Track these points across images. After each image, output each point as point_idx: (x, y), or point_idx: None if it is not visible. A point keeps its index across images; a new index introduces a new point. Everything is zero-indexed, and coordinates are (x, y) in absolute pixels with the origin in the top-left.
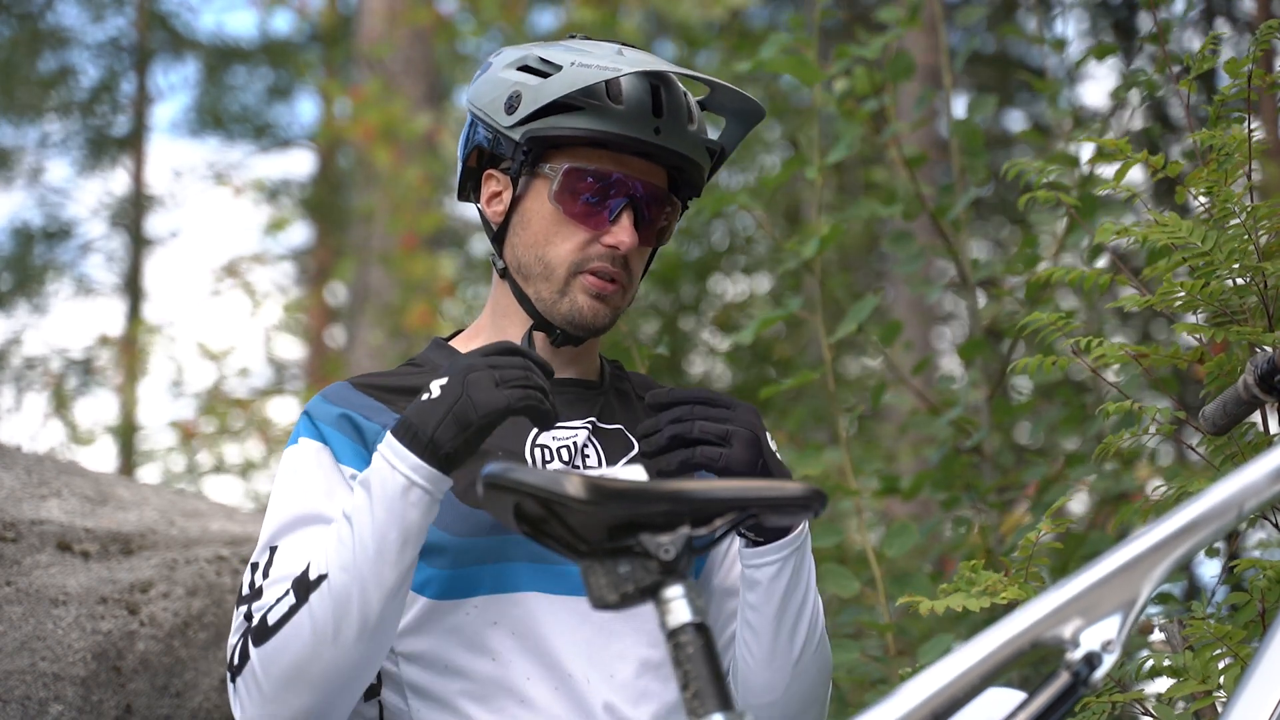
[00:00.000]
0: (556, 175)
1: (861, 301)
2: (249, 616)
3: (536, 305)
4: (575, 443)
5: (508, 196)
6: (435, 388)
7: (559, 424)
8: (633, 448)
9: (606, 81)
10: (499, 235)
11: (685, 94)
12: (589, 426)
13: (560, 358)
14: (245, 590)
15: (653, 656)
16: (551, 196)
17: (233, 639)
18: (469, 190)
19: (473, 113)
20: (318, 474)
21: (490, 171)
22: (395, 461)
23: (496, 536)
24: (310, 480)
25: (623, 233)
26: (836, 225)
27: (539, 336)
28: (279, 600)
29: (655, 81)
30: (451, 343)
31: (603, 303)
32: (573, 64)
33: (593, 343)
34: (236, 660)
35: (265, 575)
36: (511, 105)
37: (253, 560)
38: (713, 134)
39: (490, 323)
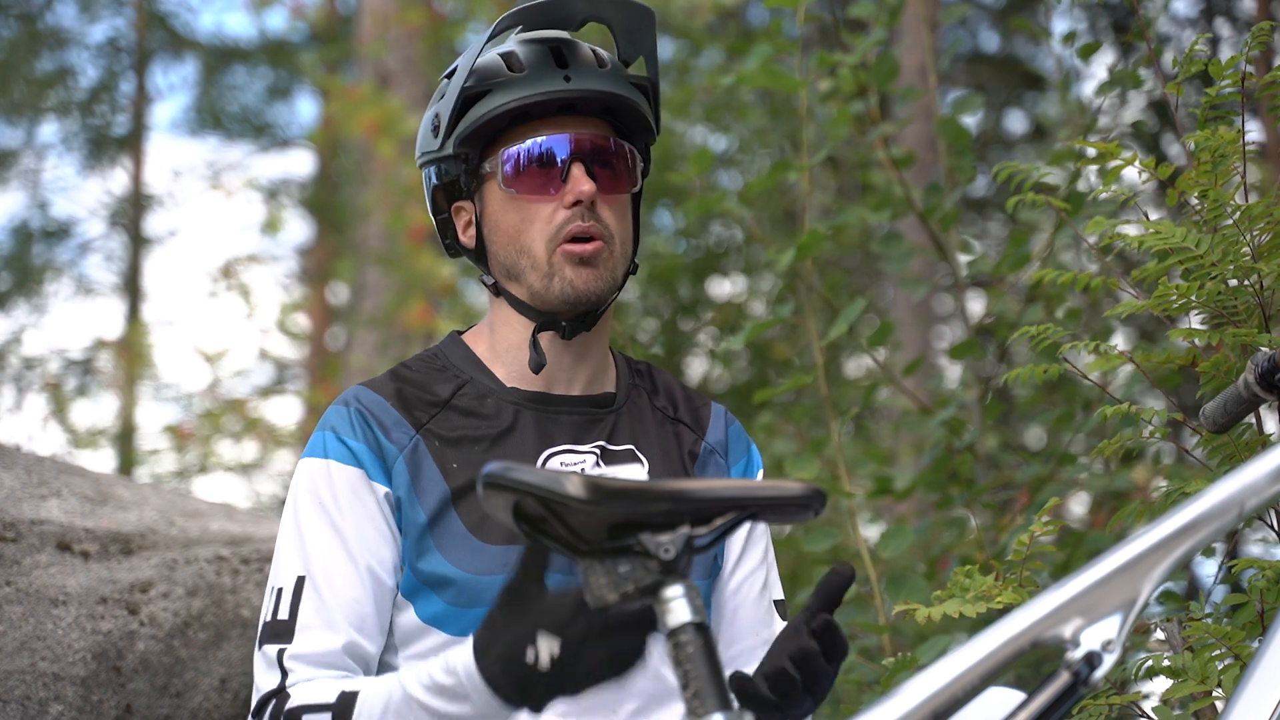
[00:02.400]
0: (499, 165)
1: (852, 304)
2: (283, 668)
3: (532, 302)
4: (583, 468)
5: (474, 216)
6: (545, 655)
7: (568, 449)
8: (642, 466)
9: (507, 59)
10: (479, 254)
11: (593, 48)
12: (597, 451)
13: (570, 355)
14: (269, 617)
15: (658, 690)
16: (502, 185)
17: (263, 680)
18: (454, 244)
19: (420, 163)
20: (349, 504)
21: (457, 204)
22: (489, 705)
23: (508, 575)
24: (341, 511)
25: (580, 184)
26: (814, 232)
27: (546, 336)
28: (316, 708)
29: (554, 44)
30: (463, 337)
31: (590, 266)
32: (462, 58)
33: (603, 335)
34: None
35: (293, 613)
36: (436, 127)
37: (276, 584)
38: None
39: (491, 332)
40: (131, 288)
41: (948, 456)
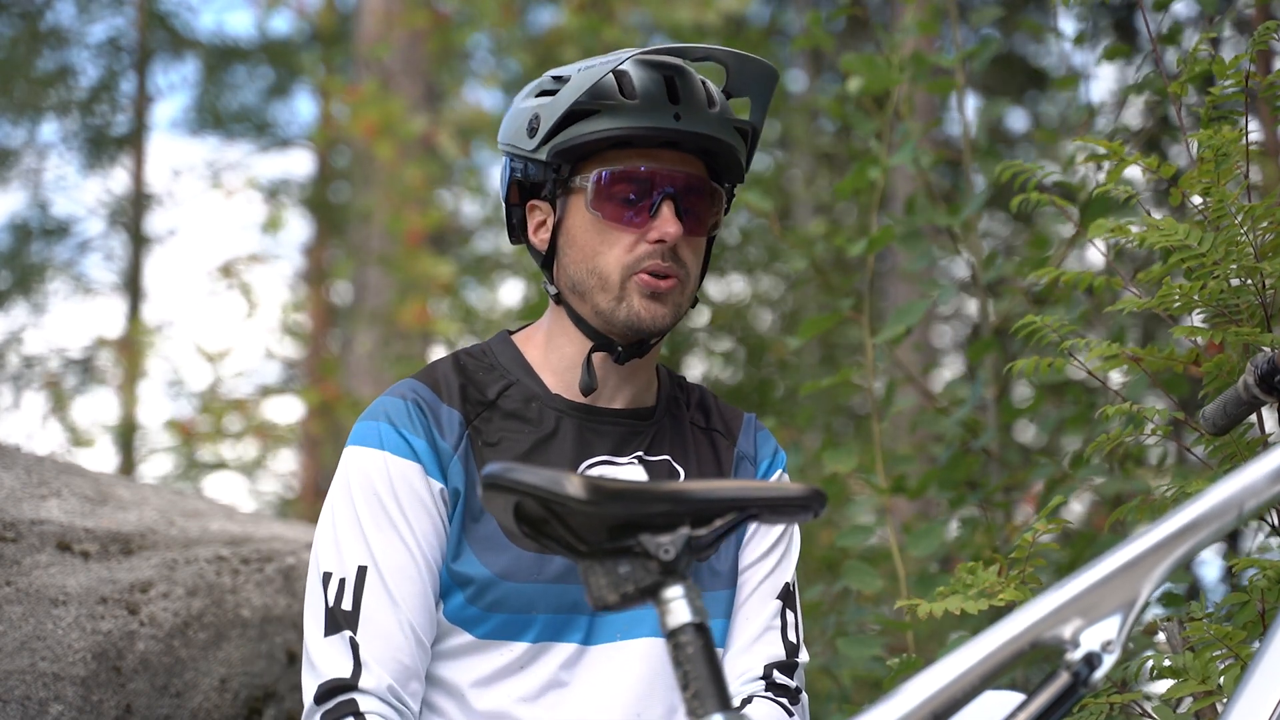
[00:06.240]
0: (589, 184)
1: (911, 305)
2: (357, 657)
3: (594, 321)
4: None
5: (550, 221)
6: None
7: (606, 459)
8: (678, 477)
9: (619, 80)
10: (547, 260)
11: (703, 81)
12: (635, 462)
13: (619, 374)
14: (330, 604)
15: (679, 699)
16: (589, 205)
17: (333, 665)
18: (518, 231)
19: (504, 149)
20: (408, 499)
21: (532, 202)
22: None
23: (542, 584)
24: (401, 505)
25: (667, 224)
26: (887, 228)
27: (599, 357)
28: None
29: (668, 73)
30: (513, 338)
31: (659, 302)
32: (579, 71)
33: (651, 357)
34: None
35: (357, 604)
36: (533, 129)
37: (334, 572)
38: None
39: (546, 340)
40: (131, 287)
41: (962, 455)
